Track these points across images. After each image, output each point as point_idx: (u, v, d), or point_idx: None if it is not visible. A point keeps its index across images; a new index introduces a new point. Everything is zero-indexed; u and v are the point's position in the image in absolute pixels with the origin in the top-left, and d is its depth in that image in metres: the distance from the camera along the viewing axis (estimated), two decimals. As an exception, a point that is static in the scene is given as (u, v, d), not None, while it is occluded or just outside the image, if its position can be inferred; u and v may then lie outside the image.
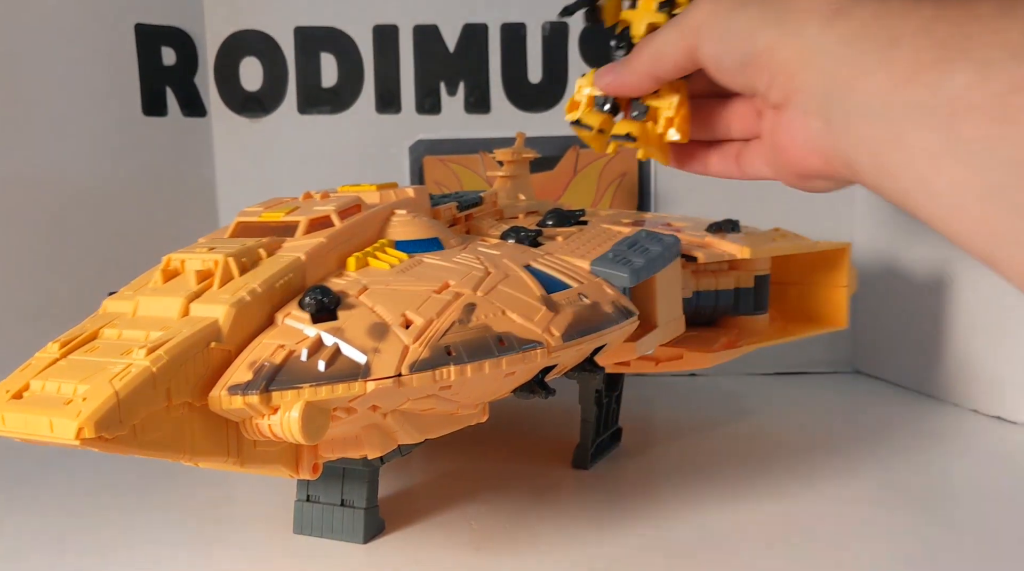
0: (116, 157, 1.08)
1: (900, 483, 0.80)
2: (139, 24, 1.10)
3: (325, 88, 1.16)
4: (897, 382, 1.10)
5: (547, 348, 0.57)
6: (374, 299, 0.56)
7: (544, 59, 1.15)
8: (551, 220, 0.78)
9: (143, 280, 0.58)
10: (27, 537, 0.72)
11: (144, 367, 0.47)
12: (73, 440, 0.44)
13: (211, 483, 0.81)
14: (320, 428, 0.51)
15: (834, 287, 0.87)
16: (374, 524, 0.69)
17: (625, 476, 0.82)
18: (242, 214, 0.64)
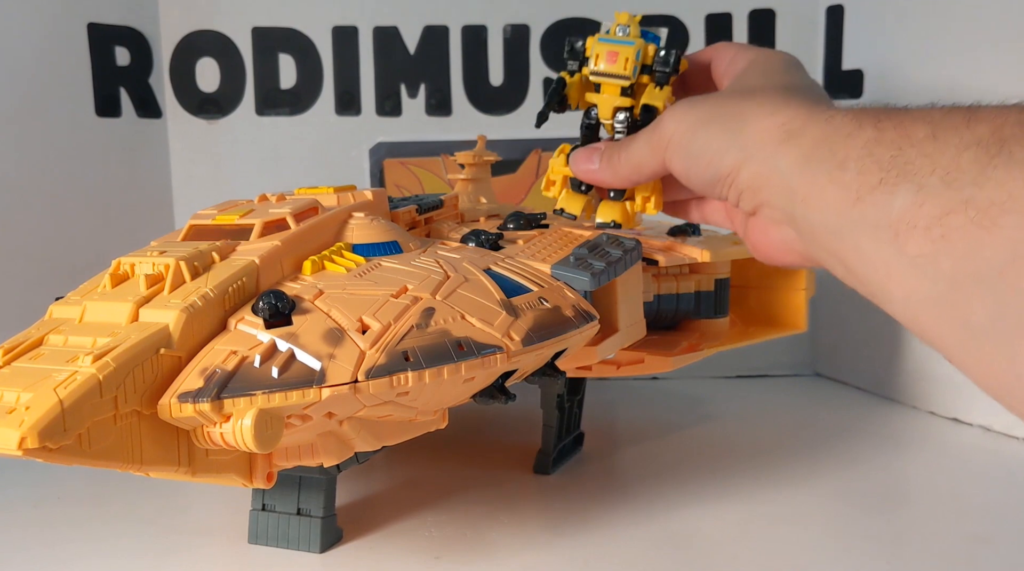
0: (68, 159, 1.06)
1: (859, 484, 0.80)
2: (92, 23, 1.07)
3: (284, 89, 1.14)
4: (856, 385, 1.11)
5: (507, 353, 0.57)
6: (330, 304, 0.55)
7: (505, 61, 1.14)
8: (512, 223, 0.77)
9: (91, 285, 0.56)
10: (-29, 550, 0.70)
11: (90, 375, 0.46)
12: (15, 450, 0.43)
13: (164, 492, 0.79)
14: (274, 436, 0.50)
15: (793, 291, 0.87)
16: (331, 533, 0.68)
17: (587, 481, 0.82)
18: (195, 217, 0.62)
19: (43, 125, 1.03)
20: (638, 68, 0.68)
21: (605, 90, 0.69)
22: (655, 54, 0.68)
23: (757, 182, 0.52)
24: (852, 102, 1.07)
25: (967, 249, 0.38)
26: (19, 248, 1.01)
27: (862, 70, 1.06)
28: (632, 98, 0.69)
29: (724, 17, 1.12)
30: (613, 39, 0.69)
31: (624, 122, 0.69)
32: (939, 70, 0.95)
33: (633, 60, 0.67)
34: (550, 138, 1.15)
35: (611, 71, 0.68)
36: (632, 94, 0.69)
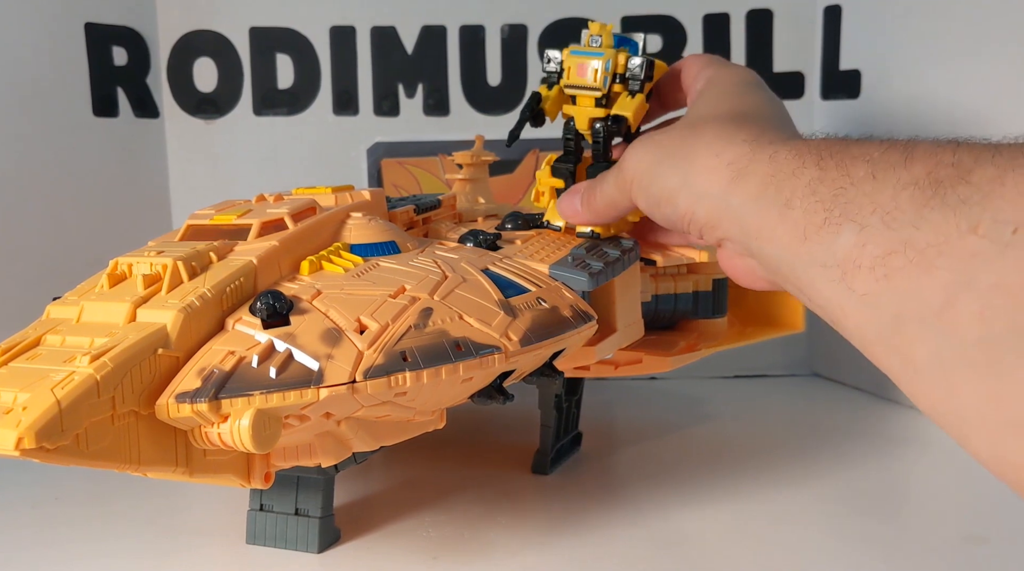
0: (65, 159, 1.06)
1: (857, 484, 0.80)
2: (89, 23, 1.07)
3: (281, 89, 1.14)
4: (854, 385, 1.11)
5: (505, 353, 0.57)
6: (328, 304, 0.55)
7: (503, 61, 1.14)
8: (510, 223, 0.77)
9: (89, 285, 0.56)
10: (-31, 551, 0.70)
11: (88, 375, 0.46)
12: (13, 451, 0.43)
13: (162, 493, 0.79)
14: (272, 436, 0.50)
15: (791, 291, 0.87)
16: (329, 533, 0.68)
17: (585, 481, 0.82)
18: (193, 217, 0.62)
19: (40, 125, 1.03)
20: (608, 78, 0.69)
21: (580, 101, 0.71)
22: (627, 62, 0.69)
23: (713, 220, 0.54)
24: (850, 102, 1.07)
25: (908, 290, 0.40)
26: (16, 248, 1.01)
27: (860, 70, 1.06)
28: (607, 108, 0.71)
29: (722, 17, 1.12)
30: (585, 51, 0.71)
31: (600, 132, 0.71)
32: (937, 70, 0.95)
33: (603, 71, 0.69)
34: (548, 138, 1.14)
35: (582, 83, 0.70)
36: (607, 103, 0.71)
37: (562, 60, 0.72)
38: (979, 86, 0.90)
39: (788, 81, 1.12)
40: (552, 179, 0.75)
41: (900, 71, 1.00)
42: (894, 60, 1.01)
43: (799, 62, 1.12)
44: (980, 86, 0.90)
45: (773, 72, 1.12)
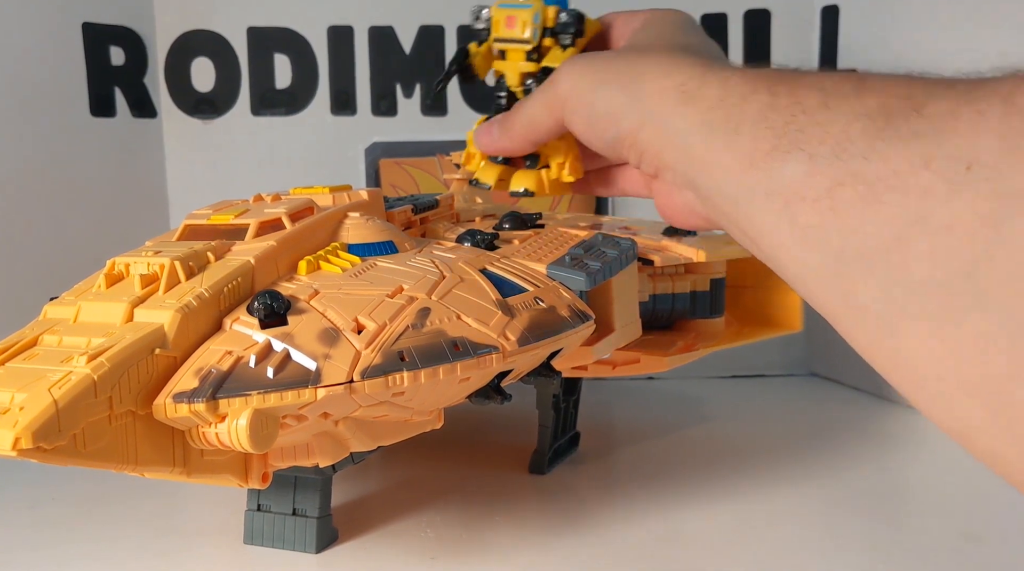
0: (63, 159, 1.06)
1: (855, 485, 0.80)
2: (87, 23, 1.07)
3: (279, 89, 1.14)
4: (852, 384, 1.11)
5: (502, 353, 0.57)
6: (325, 304, 0.55)
7: (501, 62, 1.14)
8: (508, 223, 0.77)
9: (86, 285, 0.56)
10: (-34, 551, 0.70)
11: (85, 375, 0.46)
12: (10, 451, 0.43)
13: (159, 494, 0.79)
14: (269, 436, 0.50)
15: (788, 290, 0.87)
16: (327, 533, 0.68)
17: (582, 481, 0.82)
18: (190, 217, 0.62)
19: (38, 125, 1.03)
20: (538, 31, 0.67)
21: (510, 57, 0.69)
22: (556, 15, 0.67)
23: (657, 144, 0.51)
24: (847, 102, 1.07)
25: (854, 224, 0.38)
26: (13, 248, 1.01)
27: (857, 70, 1.06)
28: (539, 62, 0.68)
29: (719, 17, 1.12)
30: (512, 4, 0.69)
31: (532, 87, 0.68)
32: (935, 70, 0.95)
33: (531, 23, 0.67)
34: (546, 138, 1.15)
35: (511, 36, 0.68)
36: (539, 57, 0.68)
37: (491, 15, 0.70)
38: (976, 86, 0.90)
39: (786, 81, 1.12)
40: None
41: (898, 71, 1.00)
42: (892, 60, 1.01)
43: (797, 62, 1.11)
44: (977, 86, 0.90)
45: (771, 72, 1.12)
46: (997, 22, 0.88)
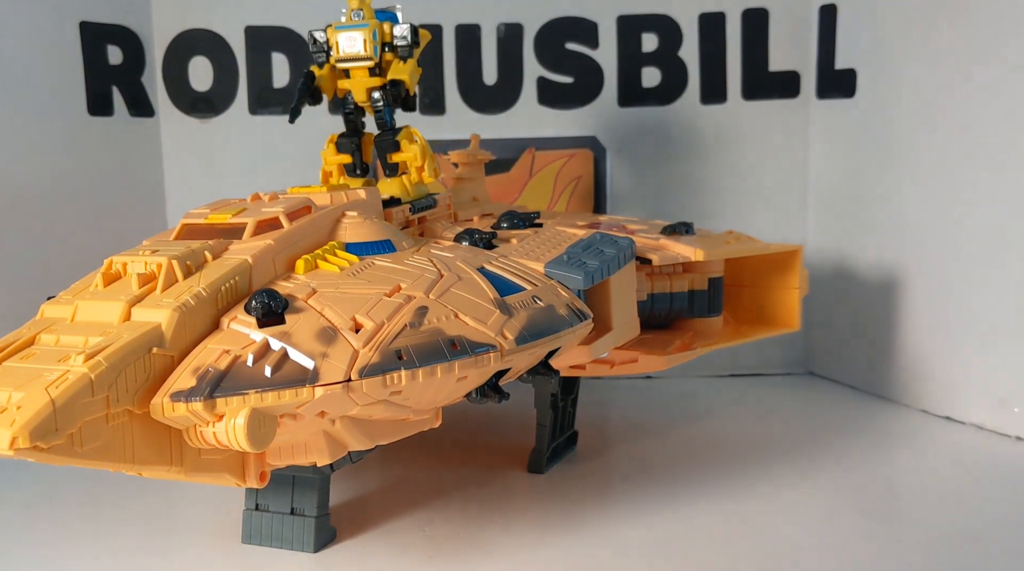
0: (60, 158, 1.05)
1: (852, 483, 0.80)
2: (84, 22, 1.07)
3: (277, 88, 1.14)
4: (849, 383, 1.11)
5: (500, 351, 0.57)
6: (323, 302, 0.55)
7: (499, 60, 1.14)
8: (505, 222, 0.77)
9: (83, 284, 0.56)
10: (-37, 551, 0.70)
11: (82, 374, 0.46)
12: (7, 450, 0.43)
13: (155, 492, 0.79)
14: (266, 435, 0.50)
15: (786, 289, 0.87)
16: (325, 532, 0.68)
17: (581, 480, 0.82)
18: (188, 216, 0.62)
19: (35, 123, 1.03)
20: (378, 47, 0.74)
21: (354, 74, 0.75)
22: (391, 30, 0.74)
23: None
24: (845, 101, 1.08)
25: None
26: (9, 246, 1.01)
27: (855, 70, 1.06)
28: (382, 77, 0.75)
29: (717, 16, 1.12)
30: (348, 25, 0.75)
31: (380, 99, 0.76)
32: (933, 69, 0.95)
33: (371, 40, 0.74)
34: (544, 138, 1.15)
35: (353, 55, 0.74)
36: (381, 72, 0.75)
37: (328, 38, 0.76)
38: (975, 84, 0.91)
39: (783, 80, 1.12)
40: (339, 156, 0.78)
41: (896, 70, 1.00)
42: (890, 59, 1.01)
43: (794, 61, 1.12)
44: (976, 84, 0.91)
45: (768, 71, 1.12)
46: (997, 21, 0.88)
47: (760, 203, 1.14)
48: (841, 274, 1.10)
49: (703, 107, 1.13)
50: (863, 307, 1.07)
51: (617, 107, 1.14)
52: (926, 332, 1.00)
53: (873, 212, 1.05)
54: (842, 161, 1.09)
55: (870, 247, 1.06)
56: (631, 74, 1.13)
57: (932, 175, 0.96)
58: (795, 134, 1.13)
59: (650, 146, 1.14)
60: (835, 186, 1.11)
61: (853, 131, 1.07)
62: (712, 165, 1.14)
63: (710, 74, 1.13)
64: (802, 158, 1.14)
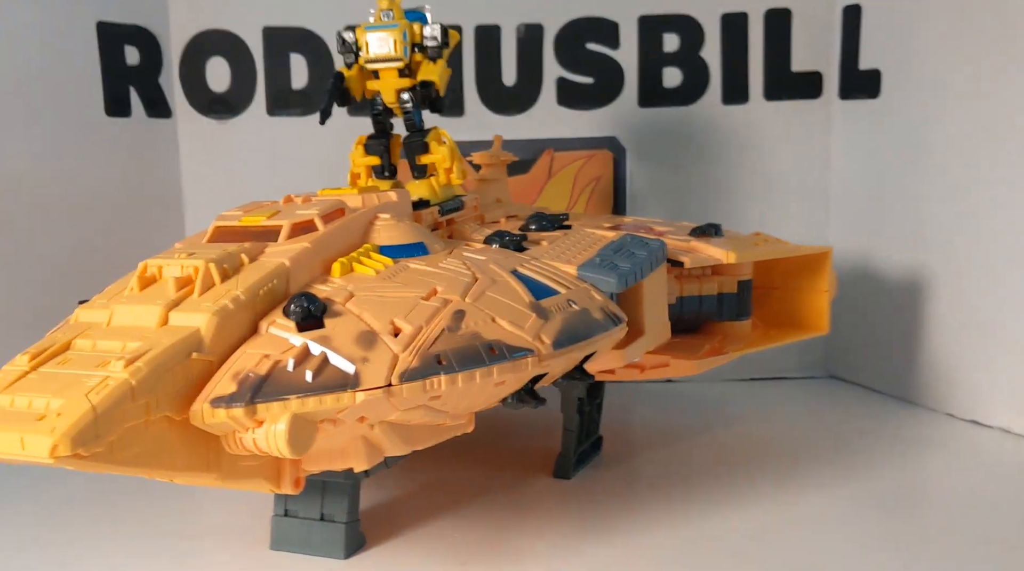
0: (78, 159, 1.05)
1: (878, 488, 0.79)
2: (101, 22, 1.06)
3: (295, 90, 1.13)
4: (872, 387, 1.11)
5: (538, 356, 0.56)
6: (361, 306, 0.54)
7: (519, 61, 1.13)
8: (534, 224, 0.76)
9: (117, 288, 0.55)
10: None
11: (123, 380, 0.45)
12: (47, 458, 0.42)
13: (180, 496, 0.78)
14: (307, 441, 0.49)
15: (815, 292, 0.86)
16: (355, 539, 0.67)
17: (606, 485, 0.81)
18: (220, 218, 0.61)
19: (53, 124, 1.02)
20: (408, 48, 0.73)
21: (384, 75, 0.74)
22: (422, 31, 0.73)
23: None
24: (870, 102, 1.07)
25: None
26: (28, 248, 1.00)
27: (880, 70, 1.05)
28: (411, 78, 0.74)
29: (740, 17, 1.11)
30: (378, 25, 0.74)
31: (409, 101, 0.75)
32: (960, 70, 0.95)
33: (401, 41, 0.73)
34: (562, 138, 1.14)
35: (383, 56, 0.73)
36: (411, 73, 0.74)
37: (356, 39, 0.75)
38: (1003, 85, 0.90)
39: (806, 81, 1.12)
40: (367, 158, 0.77)
41: (922, 70, 0.99)
42: (916, 60, 1.00)
43: (817, 62, 1.11)
44: (1004, 85, 0.90)
45: (791, 71, 1.11)
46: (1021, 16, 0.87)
47: (781, 204, 1.13)
48: (864, 276, 1.09)
49: (725, 107, 1.12)
50: (886, 310, 1.07)
51: (637, 107, 1.13)
52: (951, 335, 0.99)
53: (897, 214, 1.04)
54: (865, 162, 1.08)
55: (894, 249, 1.05)
56: (652, 74, 1.12)
57: (958, 176, 0.95)
58: (817, 135, 1.12)
59: (670, 147, 1.13)
60: (858, 187, 1.10)
61: (877, 132, 1.06)
62: (733, 166, 1.13)
63: (732, 74, 1.12)
64: (824, 159, 1.13)
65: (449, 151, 0.75)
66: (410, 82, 0.74)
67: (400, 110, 0.76)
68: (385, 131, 0.77)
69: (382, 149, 0.76)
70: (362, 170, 0.77)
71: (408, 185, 0.75)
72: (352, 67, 0.75)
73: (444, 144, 0.75)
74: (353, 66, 0.75)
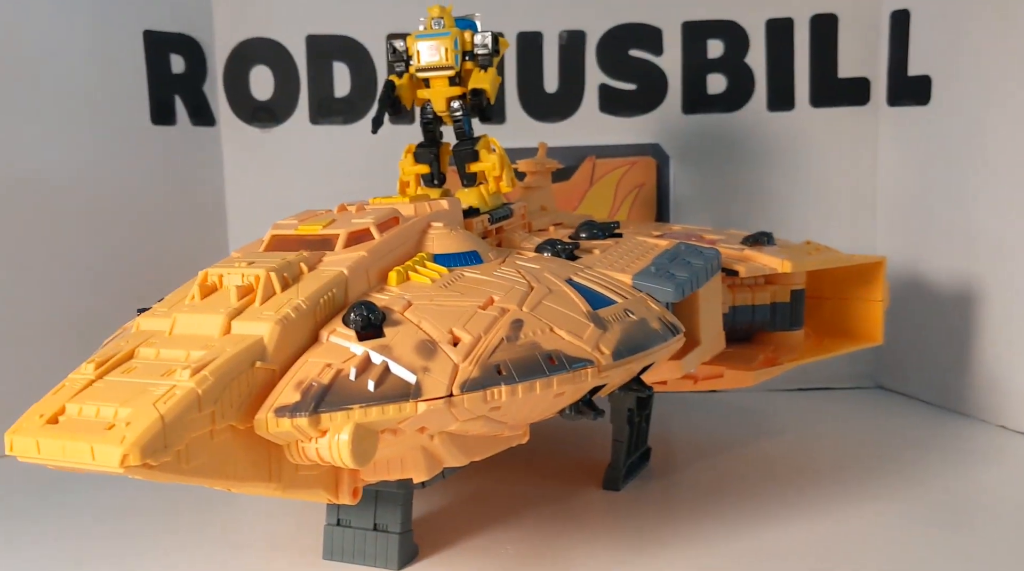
0: (124, 167, 1.05)
1: (931, 501, 0.77)
2: (148, 31, 1.07)
3: (338, 98, 1.14)
4: (922, 398, 1.09)
5: (598, 367, 0.55)
6: (420, 315, 0.54)
7: (560, 68, 1.13)
8: (585, 232, 0.75)
9: (177, 296, 0.55)
10: (42, 562, 0.69)
11: (189, 389, 0.45)
12: (117, 467, 0.42)
13: (223, 506, 0.78)
14: (369, 451, 0.49)
15: (868, 301, 0.85)
16: (408, 549, 0.67)
17: (656, 498, 0.80)
18: (276, 227, 0.61)
19: (100, 132, 1.03)
20: (459, 56, 0.72)
21: (434, 84, 0.74)
22: (472, 39, 0.73)
23: None
24: (919, 109, 1.05)
25: None
26: (76, 254, 1.01)
27: (930, 76, 1.04)
28: (462, 86, 0.74)
29: (785, 22, 1.10)
30: (429, 33, 0.74)
31: (459, 109, 0.75)
32: (1013, 75, 0.93)
33: (452, 49, 0.72)
34: (605, 145, 1.14)
35: (434, 64, 0.73)
36: (461, 82, 0.74)
37: (407, 47, 0.74)
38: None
39: (853, 87, 1.10)
40: (416, 166, 0.77)
41: (974, 76, 0.98)
42: (967, 65, 0.99)
43: (865, 68, 1.10)
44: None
45: (837, 78, 1.10)
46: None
47: (827, 212, 1.12)
48: (912, 285, 1.07)
49: (770, 114, 1.11)
50: (936, 319, 1.05)
51: (681, 114, 1.12)
52: (1004, 344, 0.97)
53: (947, 222, 1.02)
54: (914, 169, 1.07)
55: (944, 258, 1.03)
56: (696, 81, 1.11)
57: (1010, 184, 0.94)
58: (864, 142, 1.11)
59: (715, 154, 1.12)
60: (906, 195, 1.08)
61: (927, 139, 1.05)
62: (778, 173, 1.12)
63: (777, 81, 1.11)
64: (871, 166, 1.11)
65: (499, 159, 0.74)
66: (461, 90, 0.74)
67: (450, 118, 0.75)
68: (435, 139, 0.77)
69: (432, 157, 0.76)
70: (411, 178, 0.77)
71: (457, 193, 0.75)
72: (403, 76, 0.75)
73: (494, 152, 0.75)
74: (404, 75, 0.75)
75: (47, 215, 0.99)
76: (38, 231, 0.99)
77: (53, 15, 0.99)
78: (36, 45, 0.98)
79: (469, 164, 0.76)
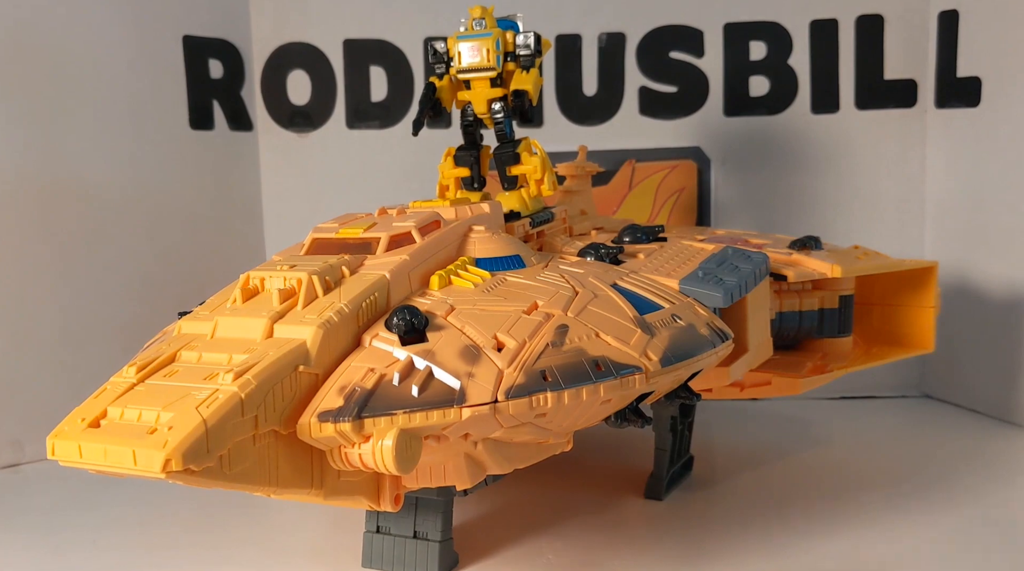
0: (163, 171, 1.06)
1: (983, 514, 0.75)
2: (187, 36, 1.07)
3: (374, 102, 1.13)
4: (970, 407, 1.06)
5: (646, 373, 0.54)
6: (463, 320, 0.53)
7: (600, 71, 1.11)
8: (628, 236, 0.74)
9: (219, 299, 0.55)
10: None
11: (232, 393, 0.44)
12: (159, 472, 0.41)
13: (270, 513, 0.77)
14: (413, 457, 0.48)
15: (919, 308, 0.83)
16: (448, 557, 0.66)
17: (699, 508, 0.78)
18: (317, 230, 0.60)
19: (140, 137, 1.03)
20: (501, 57, 0.71)
21: (475, 85, 0.73)
22: (514, 39, 0.72)
23: None
24: (969, 111, 1.02)
25: None
26: (115, 257, 1.01)
27: (980, 78, 1.01)
28: (503, 87, 0.72)
29: (830, 23, 1.08)
30: (471, 34, 0.73)
31: (501, 111, 0.73)
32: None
33: (494, 50, 0.71)
34: (644, 149, 1.12)
35: (475, 65, 0.72)
36: (502, 83, 0.72)
37: (448, 48, 0.73)
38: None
39: (900, 89, 1.08)
40: (456, 169, 0.76)
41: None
42: (1019, 66, 0.96)
43: (912, 69, 1.07)
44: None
45: (884, 79, 1.08)
46: None
47: (874, 216, 1.09)
48: (961, 291, 1.05)
49: (814, 117, 1.09)
50: (987, 326, 1.02)
51: (723, 117, 1.10)
52: (1058, 354, 0.94)
53: (998, 226, 1.00)
54: (964, 173, 1.04)
55: (994, 263, 1.01)
56: (738, 83, 1.09)
57: (1068, 187, 0.91)
58: (912, 145, 1.08)
59: (757, 157, 1.10)
60: (956, 199, 1.05)
61: (977, 142, 1.02)
62: (823, 177, 1.10)
63: (821, 83, 1.08)
64: (919, 170, 1.09)
65: (540, 162, 0.73)
66: (502, 92, 0.73)
67: (491, 120, 0.74)
68: (475, 142, 0.76)
69: (472, 160, 0.75)
70: (451, 182, 0.76)
71: (498, 196, 0.74)
72: (443, 77, 0.74)
73: (535, 155, 0.74)
74: (444, 76, 0.74)
75: (88, 219, 1.00)
76: (80, 235, 0.99)
77: (95, 22, 1.00)
78: (78, 52, 0.98)
79: (510, 167, 0.75)
